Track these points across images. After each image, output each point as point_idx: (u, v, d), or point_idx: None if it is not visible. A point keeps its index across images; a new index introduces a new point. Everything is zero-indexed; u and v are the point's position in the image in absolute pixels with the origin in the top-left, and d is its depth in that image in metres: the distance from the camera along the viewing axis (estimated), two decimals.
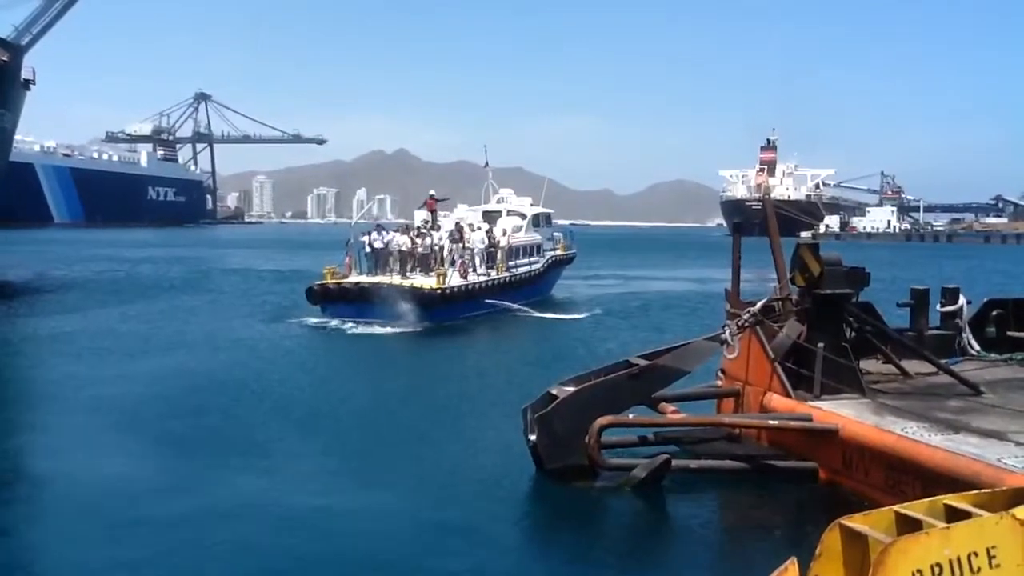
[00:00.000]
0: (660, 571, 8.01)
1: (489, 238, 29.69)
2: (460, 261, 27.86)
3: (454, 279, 26.52)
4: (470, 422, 13.70)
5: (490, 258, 29.47)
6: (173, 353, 20.48)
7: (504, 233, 31.05)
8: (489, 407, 14.35)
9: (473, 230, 29.89)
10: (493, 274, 28.97)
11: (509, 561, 8.11)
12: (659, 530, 9.27)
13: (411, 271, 27.16)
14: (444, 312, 25.45)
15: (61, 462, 11.07)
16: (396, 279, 26.19)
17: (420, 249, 27.71)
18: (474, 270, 28.32)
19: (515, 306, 28.24)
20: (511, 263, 30.67)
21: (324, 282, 25.83)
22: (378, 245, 27.58)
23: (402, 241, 27.56)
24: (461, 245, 28.81)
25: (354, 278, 26.46)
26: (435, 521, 9.04)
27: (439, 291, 25.15)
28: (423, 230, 29.19)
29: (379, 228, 28.94)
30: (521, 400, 11.20)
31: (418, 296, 24.82)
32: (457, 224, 30.33)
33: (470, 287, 27.08)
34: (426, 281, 25.82)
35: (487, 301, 27.51)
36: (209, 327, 25.11)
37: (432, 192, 33.04)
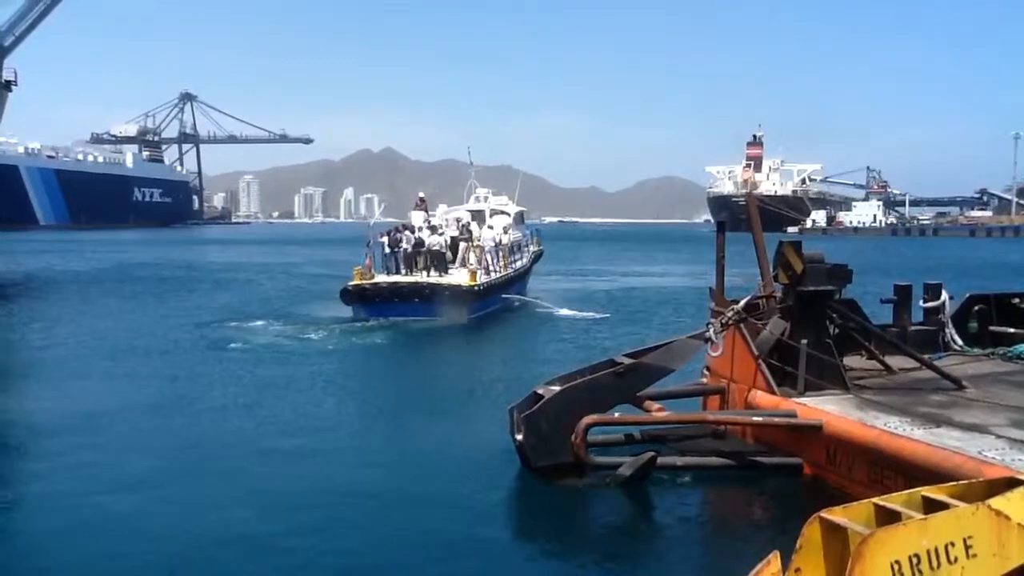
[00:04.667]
0: (645, 566, 8.07)
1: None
2: (485, 258, 28.83)
3: (480, 276, 27.50)
4: (476, 416, 13.90)
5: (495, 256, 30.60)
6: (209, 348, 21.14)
7: (505, 231, 32.09)
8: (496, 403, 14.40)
9: (482, 229, 31.02)
10: (499, 271, 30.03)
11: (495, 558, 8.15)
12: (645, 526, 9.33)
13: (425, 269, 27.74)
14: (476, 308, 26.52)
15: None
16: (425, 277, 26.89)
17: (438, 248, 28.22)
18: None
19: (542, 301, 30.11)
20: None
21: (359, 283, 26.04)
22: (405, 245, 27.94)
23: (435, 241, 28.13)
24: (473, 243, 29.66)
25: (390, 278, 26.96)
26: (421, 513, 9.12)
27: (475, 288, 26.13)
28: (440, 230, 29.81)
29: (405, 228, 29.31)
30: (522, 395, 11.30)
31: (459, 293, 25.72)
32: (466, 224, 31.22)
33: (493, 283, 28.16)
34: (459, 279, 26.66)
35: (503, 296, 29.34)
36: (237, 326, 25.42)
37: (421, 194, 33.68)
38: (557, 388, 10.87)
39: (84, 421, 13.65)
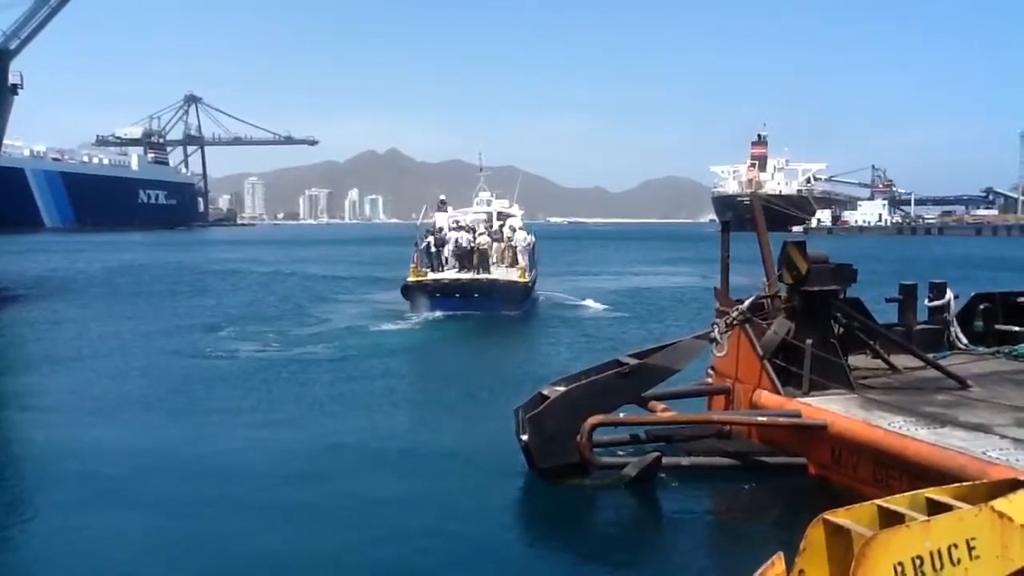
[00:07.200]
0: (650, 566, 8.08)
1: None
2: (524, 257, 30.06)
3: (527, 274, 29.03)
4: (493, 414, 13.82)
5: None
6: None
7: (529, 232, 33.43)
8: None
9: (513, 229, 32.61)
10: (534, 269, 31.62)
11: (499, 558, 8.19)
12: (650, 527, 9.34)
13: (475, 267, 28.88)
14: (525, 303, 28.43)
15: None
16: (477, 275, 28.21)
17: (485, 247, 29.41)
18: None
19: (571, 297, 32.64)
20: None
21: (419, 279, 27.32)
22: (463, 244, 29.18)
23: (483, 241, 29.52)
24: (506, 243, 31.10)
25: (446, 274, 28.36)
26: (426, 515, 9.14)
27: (527, 284, 28.05)
28: (485, 231, 31.22)
29: (460, 229, 30.51)
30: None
31: (515, 289, 27.44)
32: (493, 226, 32.80)
33: (534, 280, 30.05)
34: (513, 275, 28.13)
35: (538, 292, 31.72)
36: (267, 324, 26.20)
37: (442, 196, 35.13)
38: (562, 389, 10.87)
39: (119, 421, 13.93)
